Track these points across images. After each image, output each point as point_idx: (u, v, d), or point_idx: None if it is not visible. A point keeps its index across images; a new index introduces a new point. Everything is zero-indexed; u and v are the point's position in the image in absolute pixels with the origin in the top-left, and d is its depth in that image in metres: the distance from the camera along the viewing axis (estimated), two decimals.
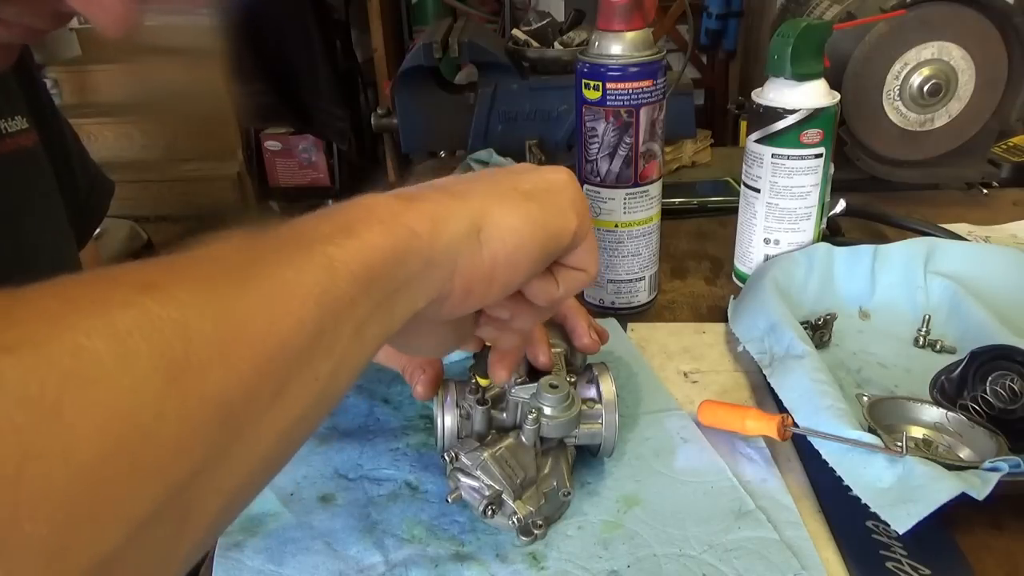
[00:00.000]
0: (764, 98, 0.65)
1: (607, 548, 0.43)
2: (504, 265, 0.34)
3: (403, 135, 1.07)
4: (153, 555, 0.22)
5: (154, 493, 0.21)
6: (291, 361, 0.25)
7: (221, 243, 0.26)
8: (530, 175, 0.38)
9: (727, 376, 0.59)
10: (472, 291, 0.34)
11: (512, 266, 0.35)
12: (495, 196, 0.35)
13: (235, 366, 0.23)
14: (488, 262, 0.34)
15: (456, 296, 0.33)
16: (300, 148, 2.91)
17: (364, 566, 0.43)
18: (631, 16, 0.59)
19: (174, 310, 0.22)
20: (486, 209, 0.34)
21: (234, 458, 0.24)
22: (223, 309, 0.24)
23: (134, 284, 0.22)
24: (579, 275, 0.40)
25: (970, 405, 0.49)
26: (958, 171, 0.92)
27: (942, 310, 0.64)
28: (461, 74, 1.28)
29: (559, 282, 0.39)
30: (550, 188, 0.37)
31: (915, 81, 0.84)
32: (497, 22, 1.59)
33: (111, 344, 0.20)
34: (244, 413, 0.23)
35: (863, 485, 0.44)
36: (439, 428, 0.46)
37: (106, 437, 0.19)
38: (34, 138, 0.60)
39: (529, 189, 0.36)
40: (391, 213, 0.31)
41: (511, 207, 0.35)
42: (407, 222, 0.31)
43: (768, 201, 0.67)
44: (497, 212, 0.34)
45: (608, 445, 0.48)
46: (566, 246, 0.37)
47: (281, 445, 0.26)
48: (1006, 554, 0.43)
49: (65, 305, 0.21)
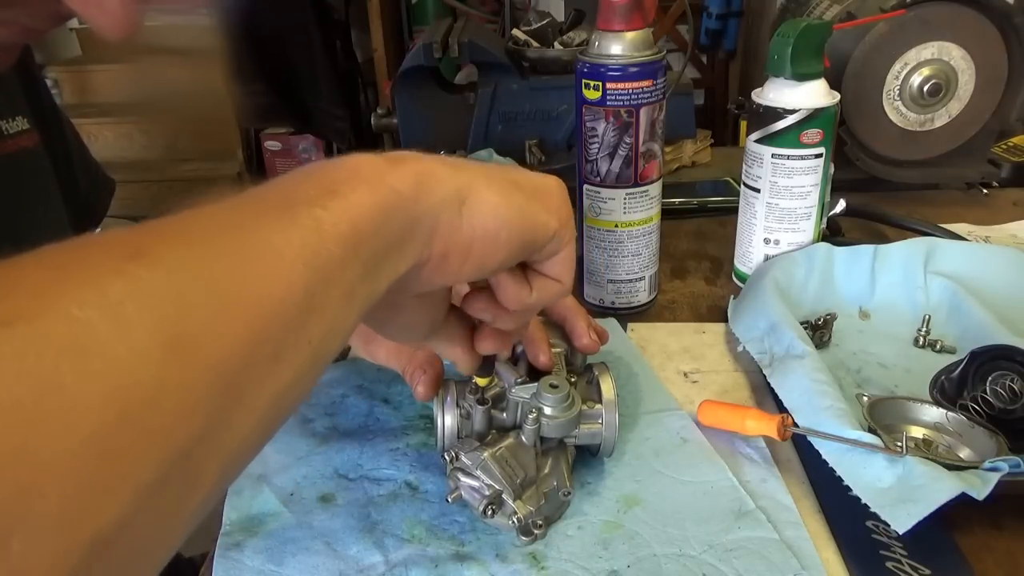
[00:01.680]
0: (764, 98, 0.65)
1: (607, 548, 0.43)
2: (482, 240, 0.34)
3: (403, 135, 1.07)
4: (160, 520, 0.22)
5: (159, 460, 0.21)
6: (285, 325, 0.25)
7: (204, 207, 0.26)
8: (522, 172, 0.39)
9: (727, 376, 0.59)
10: (448, 258, 0.34)
11: (490, 243, 0.35)
12: (484, 176, 0.35)
13: (231, 332, 0.23)
14: (467, 233, 0.34)
15: (433, 262, 0.33)
16: (300, 148, 2.91)
17: (364, 566, 0.43)
18: (631, 16, 0.59)
19: (165, 277, 0.22)
20: (473, 183, 0.34)
21: (234, 422, 0.24)
22: (214, 274, 0.24)
23: (122, 251, 0.22)
24: (554, 285, 0.40)
25: (970, 405, 0.49)
26: (958, 171, 0.92)
27: (942, 310, 0.64)
28: (461, 74, 1.28)
29: (533, 288, 0.39)
30: (538, 188, 0.38)
31: (915, 81, 0.84)
32: (497, 22, 1.59)
33: (104, 314, 0.20)
34: (243, 378, 0.24)
35: (863, 485, 0.44)
36: (439, 428, 0.46)
37: (109, 407, 0.19)
38: (35, 139, 0.60)
39: (519, 181, 0.37)
40: (376, 173, 0.31)
41: (498, 188, 0.35)
42: (391, 182, 0.31)
43: (768, 201, 0.67)
44: (483, 189, 0.34)
45: (608, 445, 0.48)
46: (543, 244, 0.38)
47: (278, 409, 0.26)
48: (1006, 554, 0.43)
49: (54, 274, 0.21)
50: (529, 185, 0.37)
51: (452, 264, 0.34)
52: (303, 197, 0.28)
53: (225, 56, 2.40)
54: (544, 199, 0.38)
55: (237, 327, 0.23)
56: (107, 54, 2.66)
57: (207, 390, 0.22)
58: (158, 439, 0.21)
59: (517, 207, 0.35)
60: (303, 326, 0.26)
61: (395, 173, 0.31)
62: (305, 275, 0.26)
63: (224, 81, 2.53)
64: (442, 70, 1.06)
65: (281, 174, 0.30)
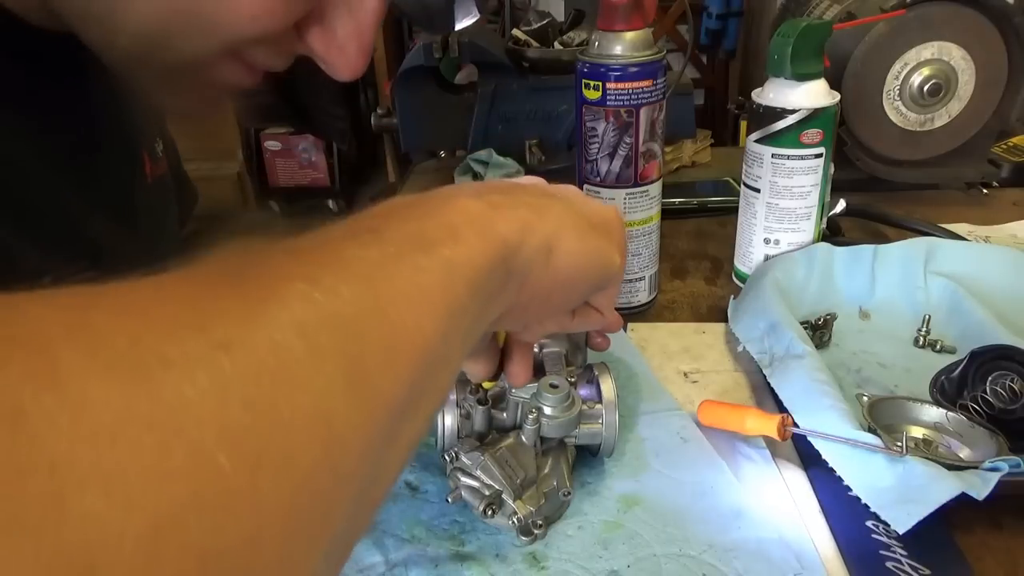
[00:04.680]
0: (764, 98, 0.65)
1: (607, 548, 0.43)
2: (561, 288, 0.34)
3: (403, 135, 1.07)
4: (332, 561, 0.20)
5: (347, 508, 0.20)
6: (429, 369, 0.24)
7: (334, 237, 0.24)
8: (594, 205, 0.38)
9: (727, 376, 0.59)
10: (529, 308, 0.33)
11: (568, 291, 0.35)
12: (569, 220, 0.34)
13: (398, 373, 0.22)
14: (550, 282, 0.33)
15: (516, 311, 0.33)
16: (300, 148, 2.91)
17: (364, 566, 0.43)
18: (631, 16, 0.59)
19: (346, 306, 0.21)
20: (559, 231, 0.34)
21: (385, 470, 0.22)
22: (380, 308, 0.22)
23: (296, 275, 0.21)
24: (595, 315, 0.40)
25: (970, 405, 0.49)
26: (958, 171, 0.92)
27: (942, 310, 0.64)
28: (461, 74, 1.28)
29: (575, 315, 0.40)
30: (608, 224, 0.38)
31: (915, 81, 0.84)
32: (497, 22, 1.59)
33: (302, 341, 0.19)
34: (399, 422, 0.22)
35: (863, 485, 0.44)
36: (439, 428, 0.46)
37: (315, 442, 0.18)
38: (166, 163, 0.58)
39: (591, 218, 0.36)
40: (486, 219, 0.30)
41: (580, 234, 0.35)
42: (501, 231, 0.30)
43: (768, 201, 0.67)
44: (567, 236, 0.34)
45: (608, 445, 0.48)
46: (609, 282, 0.38)
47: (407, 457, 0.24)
48: (1006, 554, 0.43)
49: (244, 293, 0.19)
50: (599, 220, 0.37)
51: (531, 311, 0.34)
52: (431, 237, 0.27)
53: None
54: (614, 235, 0.38)
55: (403, 366, 0.22)
56: None
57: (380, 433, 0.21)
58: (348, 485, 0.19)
59: (596, 252, 0.35)
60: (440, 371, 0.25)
61: (503, 221, 0.30)
62: (444, 317, 0.25)
63: None
64: (442, 70, 1.06)
65: (281, 173, 0.30)
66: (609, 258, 0.37)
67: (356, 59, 0.39)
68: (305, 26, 0.38)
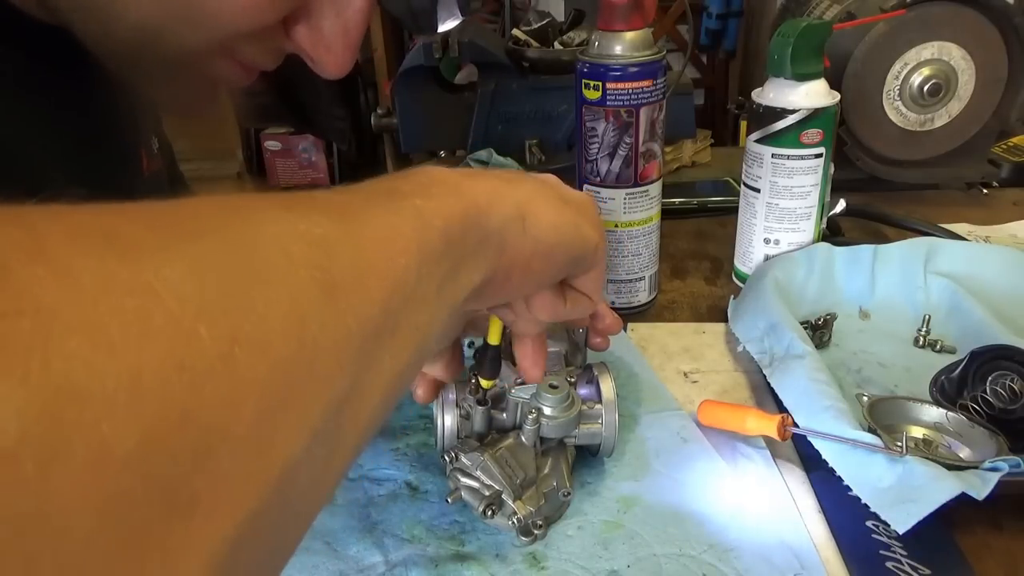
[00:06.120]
0: (764, 98, 0.65)
1: (607, 548, 0.43)
2: (541, 257, 0.35)
3: (403, 135, 1.07)
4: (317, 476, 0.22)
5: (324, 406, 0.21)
6: (404, 301, 0.25)
7: (316, 191, 0.27)
8: (567, 188, 0.40)
9: (727, 376, 0.59)
10: (511, 277, 0.34)
11: (548, 259, 0.35)
12: (539, 192, 0.36)
13: (369, 294, 0.23)
14: (529, 250, 0.34)
15: (499, 278, 0.34)
16: (300, 148, 2.91)
17: (364, 566, 0.43)
18: (631, 16, 0.59)
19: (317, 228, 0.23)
20: (531, 200, 0.35)
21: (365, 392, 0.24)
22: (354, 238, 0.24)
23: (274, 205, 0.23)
24: (584, 301, 0.41)
25: (970, 405, 0.49)
26: (958, 171, 0.92)
27: (942, 310, 0.64)
28: (461, 74, 1.28)
29: (567, 301, 0.40)
30: (582, 204, 0.39)
31: (915, 81, 0.84)
32: (497, 22, 1.59)
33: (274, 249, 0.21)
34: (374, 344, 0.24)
35: (863, 485, 0.44)
36: (439, 428, 0.46)
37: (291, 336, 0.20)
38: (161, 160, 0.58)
39: (565, 196, 0.38)
40: (456, 182, 0.31)
41: (553, 205, 0.36)
42: (469, 193, 0.31)
43: (768, 201, 0.67)
44: (540, 205, 0.35)
45: (608, 445, 0.48)
46: (588, 258, 0.38)
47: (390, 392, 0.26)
48: (1006, 554, 0.43)
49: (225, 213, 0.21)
50: (573, 199, 0.38)
51: (514, 280, 0.35)
52: (403, 191, 0.29)
53: None
54: (588, 212, 0.39)
55: (375, 290, 0.24)
56: None
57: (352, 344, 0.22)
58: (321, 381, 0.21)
59: (572, 223, 0.36)
60: (414, 308, 0.26)
61: (472, 186, 0.32)
62: (416, 258, 0.26)
63: None
64: (442, 70, 1.06)
65: (281, 173, 0.31)
66: (585, 231, 0.37)
67: (342, 56, 0.40)
68: (292, 23, 0.39)
